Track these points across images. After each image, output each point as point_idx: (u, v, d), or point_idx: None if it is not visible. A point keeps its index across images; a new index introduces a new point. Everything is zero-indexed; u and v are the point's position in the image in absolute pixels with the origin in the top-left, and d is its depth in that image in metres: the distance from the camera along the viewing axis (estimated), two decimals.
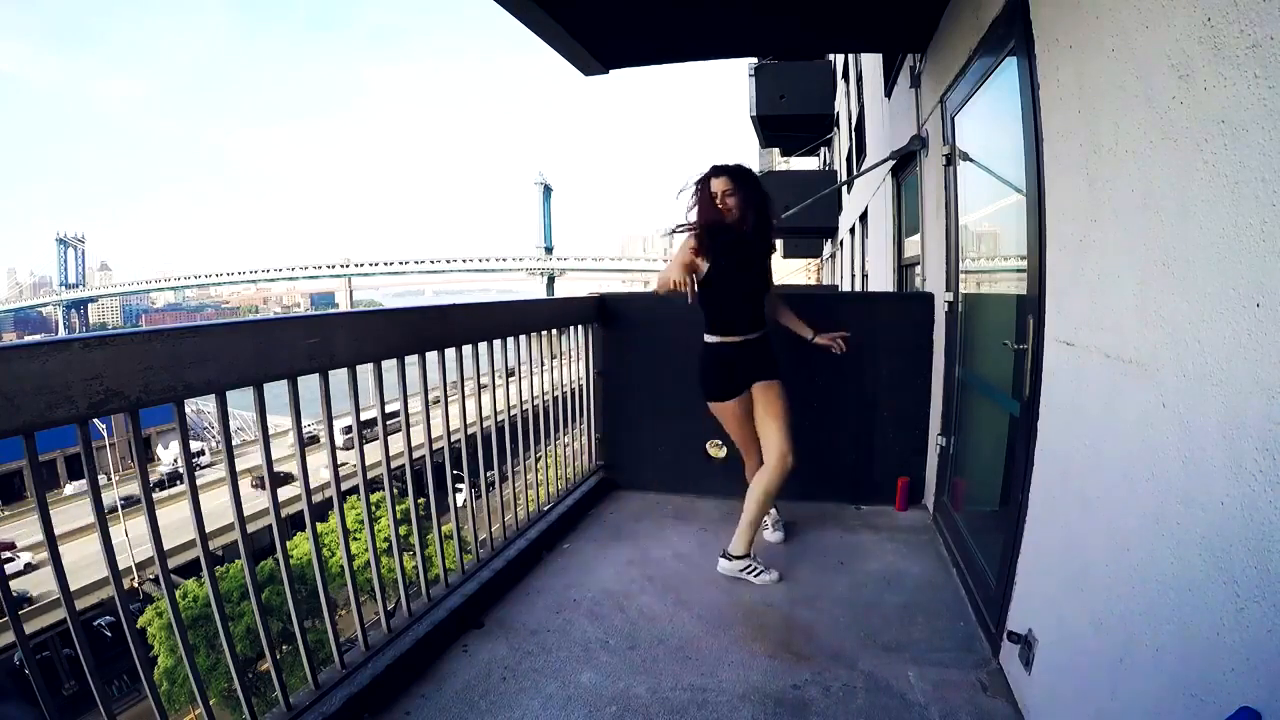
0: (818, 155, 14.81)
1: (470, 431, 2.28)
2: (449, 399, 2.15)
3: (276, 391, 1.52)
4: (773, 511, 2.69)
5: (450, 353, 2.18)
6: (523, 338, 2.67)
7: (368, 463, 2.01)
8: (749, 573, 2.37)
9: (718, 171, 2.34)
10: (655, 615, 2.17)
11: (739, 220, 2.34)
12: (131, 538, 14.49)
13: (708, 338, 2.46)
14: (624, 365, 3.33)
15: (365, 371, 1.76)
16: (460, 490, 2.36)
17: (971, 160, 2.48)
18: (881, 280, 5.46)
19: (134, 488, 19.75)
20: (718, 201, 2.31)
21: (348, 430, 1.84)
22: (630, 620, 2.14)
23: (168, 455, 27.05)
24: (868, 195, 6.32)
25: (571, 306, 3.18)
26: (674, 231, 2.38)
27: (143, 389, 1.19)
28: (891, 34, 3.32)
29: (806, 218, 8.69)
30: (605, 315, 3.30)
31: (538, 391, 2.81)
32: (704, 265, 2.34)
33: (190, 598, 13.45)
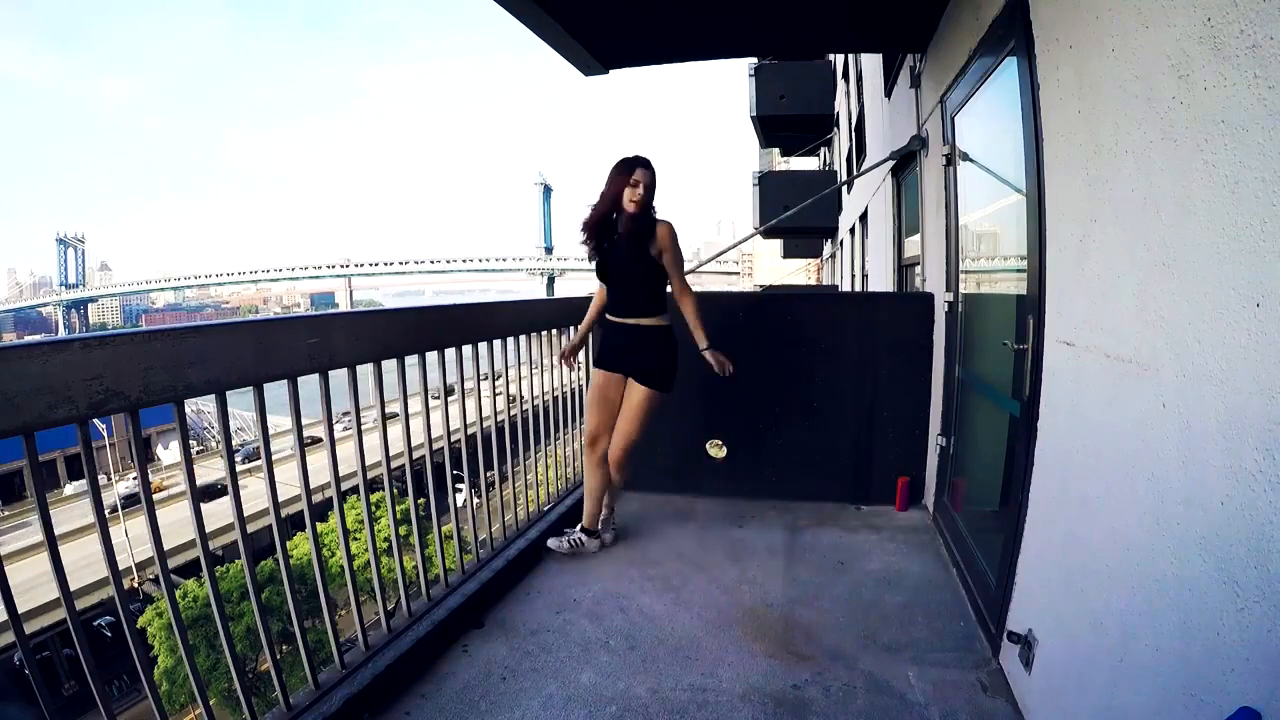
0: (818, 155, 14.80)
1: (470, 432, 2.28)
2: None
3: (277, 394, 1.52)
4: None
5: (450, 353, 2.18)
6: (523, 338, 2.67)
7: (368, 463, 2.01)
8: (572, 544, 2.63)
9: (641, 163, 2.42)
10: (655, 615, 2.17)
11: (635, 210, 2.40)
12: (131, 537, 14.49)
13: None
14: None
15: (365, 372, 1.76)
16: (460, 490, 2.37)
17: (971, 160, 2.48)
18: (881, 280, 5.46)
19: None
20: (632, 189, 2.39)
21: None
22: (630, 620, 2.14)
23: (168, 455, 26.95)
24: (867, 195, 6.32)
25: (571, 306, 3.17)
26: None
27: (143, 389, 1.19)
28: (891, 34, 3.32)
29: (806, 218, 8.69)
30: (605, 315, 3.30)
31: (538, 391, 2.82)
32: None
33: (190, 598, 13.44)
